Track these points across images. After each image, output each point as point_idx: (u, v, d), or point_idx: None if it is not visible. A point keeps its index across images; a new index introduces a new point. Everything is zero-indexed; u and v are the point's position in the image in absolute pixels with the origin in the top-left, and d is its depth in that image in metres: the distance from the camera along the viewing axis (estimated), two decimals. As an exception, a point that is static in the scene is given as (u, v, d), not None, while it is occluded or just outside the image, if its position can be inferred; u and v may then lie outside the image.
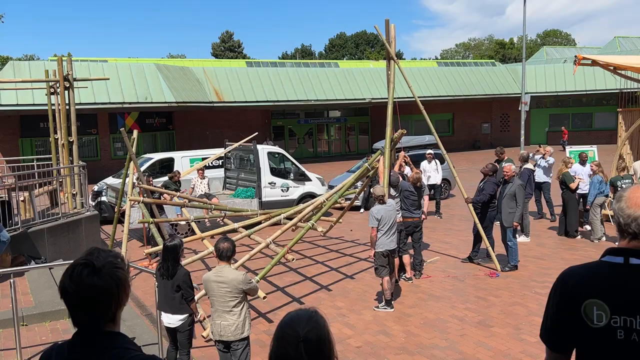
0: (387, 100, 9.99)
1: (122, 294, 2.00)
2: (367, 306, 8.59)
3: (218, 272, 5.33)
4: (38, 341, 7.01)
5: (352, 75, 33.82)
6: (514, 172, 10.32)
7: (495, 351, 6.86)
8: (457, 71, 37.34)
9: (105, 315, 1.98)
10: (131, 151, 10.94)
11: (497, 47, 76.79)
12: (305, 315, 1.92)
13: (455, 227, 14.18)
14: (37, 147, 25.89)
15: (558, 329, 2.30)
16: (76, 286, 1.94)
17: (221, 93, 29.55)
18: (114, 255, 2.04)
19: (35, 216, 10.58)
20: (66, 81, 11.94)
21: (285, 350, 1.82)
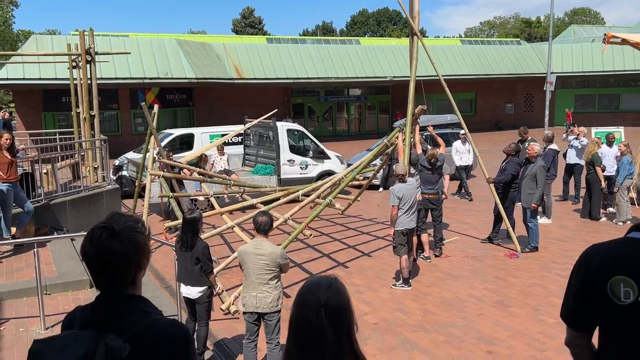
0: (409, 78, 9.89)
1: (141, 257, 2.03)
2: (385, 284, 8.64)
3: (257, 245, 5.42)
4: (61, 310, 7.17)
5: (373, 53, 33.49)
6: (537, 153, 10.19)
7: (513, 331, 6.86)
8: (481, 50, 36.78)
9: (125, 278, 2.01)
10: (152, 126, 11.03)
11: (523, 26, 75.31)
12: (325, 282, 1.94)
13: (476, 207, 14.11)
14: (59, 122, 26.17)
15: (581, 307, 2.27)
16: (96, 249, 1.98)
17: (241, 69, 29.52)
18: (135, 220, 2.07)
19: (57, 188, 10.74)
20: (88, 55, 12.03)
21: (306, 315, 1.84)
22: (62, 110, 25.91)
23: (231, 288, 8.22)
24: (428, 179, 9.70)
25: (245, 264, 5.47)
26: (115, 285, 2.01)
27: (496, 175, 10.57)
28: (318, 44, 34.52)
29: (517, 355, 6.28)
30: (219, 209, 10.22)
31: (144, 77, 25.51)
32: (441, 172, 10.03)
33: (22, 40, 42.00)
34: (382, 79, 32.76)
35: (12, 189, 8.92)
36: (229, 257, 8.96)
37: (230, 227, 9.34)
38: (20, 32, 44.70)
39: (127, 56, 22.98)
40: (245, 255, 5.46)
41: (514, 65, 36.66)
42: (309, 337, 1.83)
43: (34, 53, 19.32)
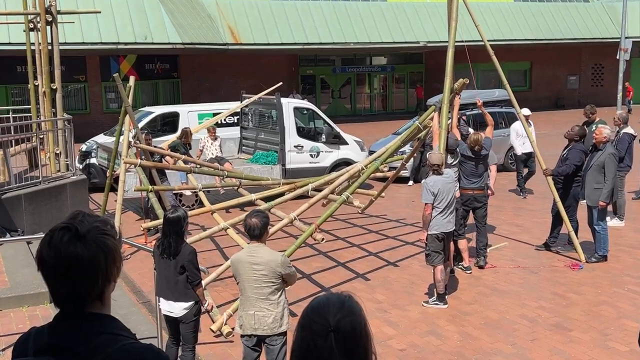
0: (447, 44, 9.83)
1: (111, 266, 2.02)
2: (415, 300, 8.61)
3: (252, 252, 5.40)
4: (14, 329, 7.25)
5: (402, 12, 33.38)
6: (606, 138, 10.09)
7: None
8: (538, 8, 36.53)
9: (91, 291, 2.01)
10: (127, 103, 11.08)
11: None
12: (336, 301, 1.91)
13: (529, 205, 14.04)
14: (13, 97, 26.42)
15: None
16: (55, 254, 1.96)
17: (238, 33, 29.54)
18: (102, 221, 2.06)
19: (10, 180, 10.82)
20: (48, 15, 12.06)
21: (312, 341, 1.82)
22: (16, 83, 26.15)
23: (224, 304, 8.23)
24: (471, 171, 9.62)
25: (240, 276, 5.44)
26: (78, 301, 2.01)
27: (556, 165, 10.49)
28: (333, 1, 34.36)
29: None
30: (209, 206, 10.24)
31: (117, 42, 25.61)
32: (487, 162, 9.95)
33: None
34: (414, 45, 32.65)
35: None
36: (221, 265, 8.99)
37: (223, 229, 9.37)
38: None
39: (97, 16, 23.08)
40: (240, 265, 5.43)
41: (580, 28, 36.37)
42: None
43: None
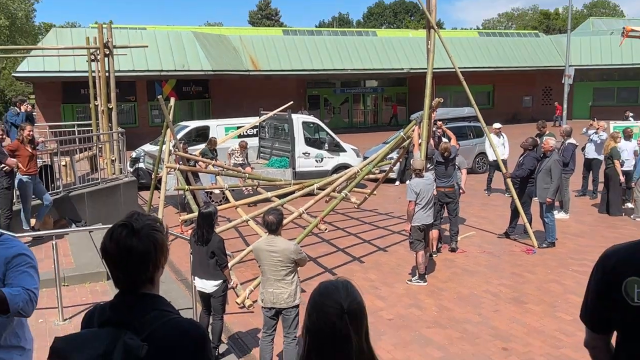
0: (426, 70, 9.79)
1: (159, 256, 2.05)
2: (400, 279, 8.57)
3: (270, 242, 5.40)
4: (79, 301, 7.25)
5: (390, 45, 33.26)
6: (552, 147, 10.05)
7: (529, 328, 6.78)
8: (499, 42, 36.38)
9: (144, 276, 2.02)
10: (168, 119, 11.06)
11: (541, 18, 74.32)
12: (341, 286, 1.91)
13: (492, 202, 13.98)
14: (77, 113, 26.39)
15: (598, 309, 2.25)
16: (116, 246, 1.99)
17: (257, 61, 29.51)
18: (153, 219, 2.08)
19: (75, 181, 10.83)
20: (106, 48, 12.09)
21: (329, 321, 1.81)
22: (80, 103, 26.07)
23: (246, 282, 8.23)
24: (443, 173, 9.62)
25: (260, 261, 5.46)
26: (133, 283, 2.02)
27: (513, 170, 10.46)
28: (334, 36, 34.37)
29: (532, 352, 6.21)
30: (234, 202, 10.23)
31: (161, 70, 25.64)
32: (455, 165, 9.94)
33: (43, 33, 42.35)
34: (399, 71, 32.57)
35: (32, 182, 9.01)
36: (243, 250, 8.98)
37: (245, 221, 9.35)
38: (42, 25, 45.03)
39: (144, 49, 23.06)
40: (260, 252, 5.45)
41: (532, 57, 36.21)
42: (333, 342, 1.81)
43: (53, 47, 19.45)
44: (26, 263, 3.10)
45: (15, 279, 3.01)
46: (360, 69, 31.81)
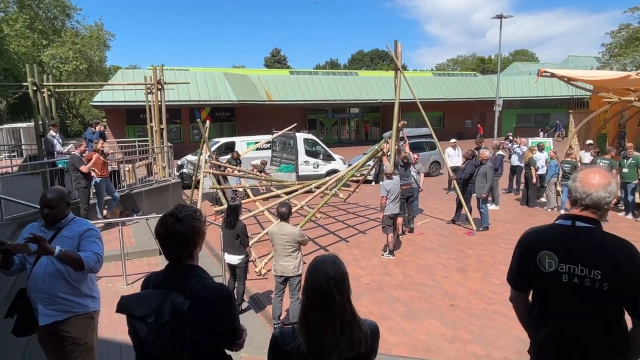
0: (394, 101, 9.79)
1: (197, 237, 2.05)
2: (375, 254, 8.55)
3: (280, 227, 5.40)
4: (138, 271, 7.22)
5: (368, 82, 33.24)
6: (487, 157, 10.07)
7: (470, 290, 6.78)
8: (447, 80, 36.42)
9: (186, 252, 2.03)
10: (205, 137, 11.04)
11: (479, 62, 74.36)
12: (330, 260, 1.91)
13: (444, 197, 13.97)
14: (138, 132, 26.29)
15: (520, 273, 2.28)
16: (164, 230, 2.00)
17: (270, 94, 29.43)
18: (193, 210, 2.09)
19: (136, 182, 10.78)
20: (159, 84, 12.03)
21: (319, 285, 1.82)
22: (140, 124, 25.99)
23: (261, 256, 8.19)
24: (402, 174, 9.59)
25: (273, 241, 5.46)
26: (178, 257, 2.03)
27: (458, 173, 10.47)
28: (327, 75, 34.30)
29: (472, 307, 6.20)
30: (253, 197, 10.21)
31: (199, 100, 25.54)
32: (410, 169, 9.93)
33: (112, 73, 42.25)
34: (375, 101, 32.52)
35: (104, 182, 8.98)
36: (259, 233, 8.96)
37: (261, 211, 9.33)
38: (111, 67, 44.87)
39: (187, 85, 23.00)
40: (273, 235, 5.45)
41: (472, 91, 36.27)
42: (322, 301, 1.81)
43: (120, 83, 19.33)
44: (94, 235, 3.20)
45: (87, 245, 3.11)
46: (346, 100, 31.75)
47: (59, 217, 3.15)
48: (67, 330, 3.14)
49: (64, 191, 3.28)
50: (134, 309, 1.89)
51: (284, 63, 62.78)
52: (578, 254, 2.05)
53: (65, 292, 3.12)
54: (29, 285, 3.12)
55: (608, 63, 27.01)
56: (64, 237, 3.11)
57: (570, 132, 13.19)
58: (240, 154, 13.35)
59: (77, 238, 3.12)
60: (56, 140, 9.75)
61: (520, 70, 43.12)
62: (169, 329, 1.83)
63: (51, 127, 10.01)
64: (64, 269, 3.07)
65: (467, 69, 65.67)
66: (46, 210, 3.12)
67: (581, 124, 12.60)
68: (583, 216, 2.10)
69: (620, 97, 11.17)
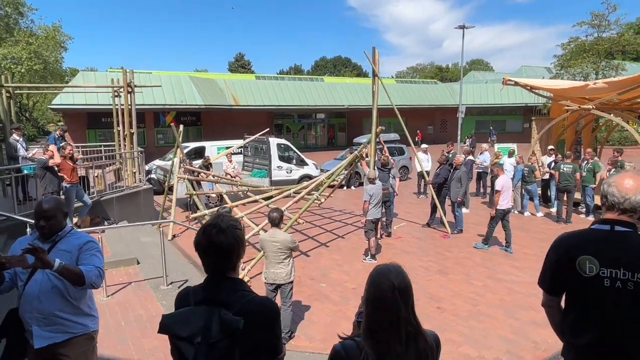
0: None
1: (240, 249, 1.93)
2: (357, 258, 8.52)
3: (272, 234, 5.25)
4: (117, 281, 6.84)
5: (334, 88, 33.42)
6: (461, 162, 10.30)
7: (453, 292, 6.86)
8: (410, 87, 37.21)
9: (229, 264, 1.90)
10: (179, 141, 10.67)
11: (437, 70, 76.61)
12: (394, 269, 1.83)
13: (415, 201, 14.15)
14: (99, 137, 25.17)
15: (555, 278, 2.28)
16: (207, 241, 1.87)
17: (237, 98, 29.00)
18: (235, 220, 1.96)
19: (106, 188, 10.27)
20: (129, 87, 11.55)
21: (383, 295, 1.74)
22: (102, 128, 24.96)
23: (245, 261, 7.98)
24: (381, 178, 9.53)
25: (265, 249, 5.30)
26: (221, 270, 1.90)
27: (432, 178, 10.63)
28: (293, 81, 34.24)
29: (458, 309, 6.28)
30: (230, 203, 9.93)
31: (164, 104, 24.77)
32: (390, 173, 9.99)
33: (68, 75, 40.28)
34: (340, 107, 32.70)
35: (74, 188, 8.48)
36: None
37: (240, 218, 9.08)
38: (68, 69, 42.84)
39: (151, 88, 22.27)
40: (264, 242, 5.30)
41: (433, 99, 37.19)
42: (387, 311, 1.73)
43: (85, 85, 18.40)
44: (94, 248, 2.98)
45: (86, 259, 2.89)
46: (312, 105, 31.75)
47: (56, 229, 2.92)
48: (65, 354, 2.88)
49: (61, 201, 3.04)
50: (179, 330, 1.74)
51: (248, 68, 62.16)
52: (620, 257, 2.06)
53: (63, 311, 2.87)
54: (21, 305, 2.84)
55: (560, 73, 28.43)
56: (62, 250, 2.87)
57: (533, 138, 13.73)
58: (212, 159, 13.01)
59: (76, 251, 2.89)
60: (19, 145, 9.12)
61: (477, 79, 44.72)
62: (218, 348, 1.69)
63: (14, 130, 9.36)
64: (61, 286, 2.83)
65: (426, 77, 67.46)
66: (42, 222, 2.86)
67: (543, 130, 13.15)
68: (621, 220, 2.13)
69: (580, 105, 11.74)
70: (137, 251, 7.97)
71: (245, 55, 63.97)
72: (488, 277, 7.44)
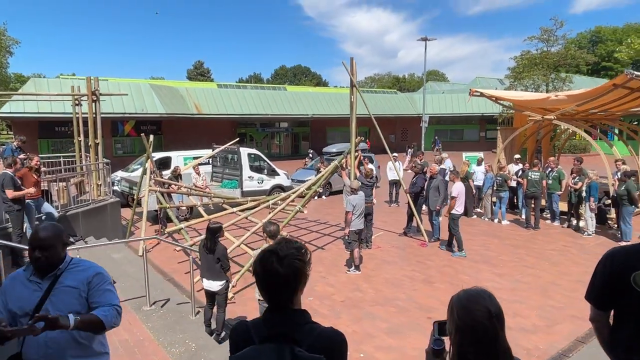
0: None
1: (298, 281, 1.75)
2: (340, 270, 8.42)
3: None
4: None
5: (297, 96, 33.37)
6: (437, 171, 10.46)
7: (441, 300, 6.87)
8: (371, 97, 37.74)
9: (287, 296, 1.74)
10: (149, 152, 10.23)
11: (394, 80, 78.50)
12: (485, 294, 1.71)
13: (387, 210, 14.26)
14: (51, 146, 23.77)
15: (605, 293, 2.26)
16: (263, 270, 1.71)
17: (200, 107, 28.30)
18: (297, 247, 1.79)
19: (70, 202, 9.61)
20: (94, 95, 10.95)
21: (478, 322, 1.61)
22: (55, 138, 23.58)
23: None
24: (367, 192, 9.43)
25: None
26: (280, 302, 1.72)
27: (409, 187, 10.72)
28: (255, 90, 33.88)
29: (449, 319, 6.30)
30: (207, 216, 9.57)
31: (123, 112, 23.74)
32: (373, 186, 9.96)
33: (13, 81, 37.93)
34: (304, 116, 32.64)
35: (35, 204, 7.86)
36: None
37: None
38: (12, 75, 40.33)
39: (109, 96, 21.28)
40: None
41: (394, 108, 37.92)
42: (484, 340, 1.62)
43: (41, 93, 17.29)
44: (105, 281, 2.62)
45: (100, 297, 2.54)
46: (275, 114, 31.53)
47: (54, 261, 2.50)
48: None
49: (60, 228, 2.63)
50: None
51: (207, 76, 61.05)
52: None
53: (75, 355, 2.53)
54: (25, 352, 2.48)
55: (513, 84, 29.85)
56: (67, 287, 2.49)
57: (498, 147, 14.22)
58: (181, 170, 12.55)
59: (84, 287, 2.52)
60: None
61: (434, 89, 46.10)
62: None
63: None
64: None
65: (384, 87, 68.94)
66: (38, 254, 2.44)
67: (508, 139, 13.66)
68: None
69: (543, 116, 12.29)
70: (111, 270, 7.45)
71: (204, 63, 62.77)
72: (472, 285, 7.51)
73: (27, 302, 2.45)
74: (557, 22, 28.29)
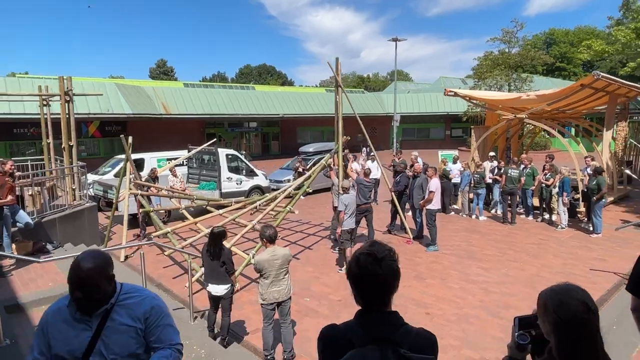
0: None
1: (396, 282, 1.79)
2: (332, 269, 8.45)
3: (272, 252, 5.00)
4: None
5: (267, 96, 33.09)
6: (421, 170, 10.66)
7: (435, 296, 7.04)
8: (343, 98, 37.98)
9: (386, 297, 1.76)
10: (128, 154, 9.90)
11: (359, 80, 79.31)
12: (577, 288, 1.73)
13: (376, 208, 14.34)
14: (9, 149, 22.49)
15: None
16: (360, 271, 1.74)
17: (167, 106, 27.57)
18: (389, 249, 1.82)
19: (45, 208, 9.15)
20: (67, 95, 10.47)
21: (578, 317, 1.64)
22: (15, 140, 22.32)
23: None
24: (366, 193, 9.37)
25: (265, 270, 4.98)
26: (377, 303, 1.75)
27: (393, 185, 10.86)
28: (223, 89, 33.37)
29: (446, 313, 6.45)
30: (192, 219, 9.34)
31: (88, 113, 22.77)
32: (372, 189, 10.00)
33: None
34: (274, 115, 32.43)
35: (10, 210, 7.45)
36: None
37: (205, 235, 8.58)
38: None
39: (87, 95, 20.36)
40: (265, 264, 4.99)
41: (361, 107, 38.23)
42: (584, 335, 1.66)
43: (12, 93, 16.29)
44: (163, 314, 2.31)
45: (160, 334, 2.26)
46: (245, 114, 31.16)
47: (100, 301, 2.16)
48: None
49: (102, 259, 2.19)
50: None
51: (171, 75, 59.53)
52: None
53: None
54: None
55: (477, 84, 30.89)
56: (122, 326, 2.18)
57: (472, 145, 14.68)
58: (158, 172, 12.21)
59: (141, 324, 2.21)
60: None
61: (400, 89, 46.88)
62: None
63: None
64: None
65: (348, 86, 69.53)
66: (79, 294, 2.07)
67: (481, 138, 14.12)
68: None
69: (515, 115, 12.79)
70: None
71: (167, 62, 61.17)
72: (462, 280, 7.76)
73: (76, 345, 2.14)
74: (517, 24, 29.53)
